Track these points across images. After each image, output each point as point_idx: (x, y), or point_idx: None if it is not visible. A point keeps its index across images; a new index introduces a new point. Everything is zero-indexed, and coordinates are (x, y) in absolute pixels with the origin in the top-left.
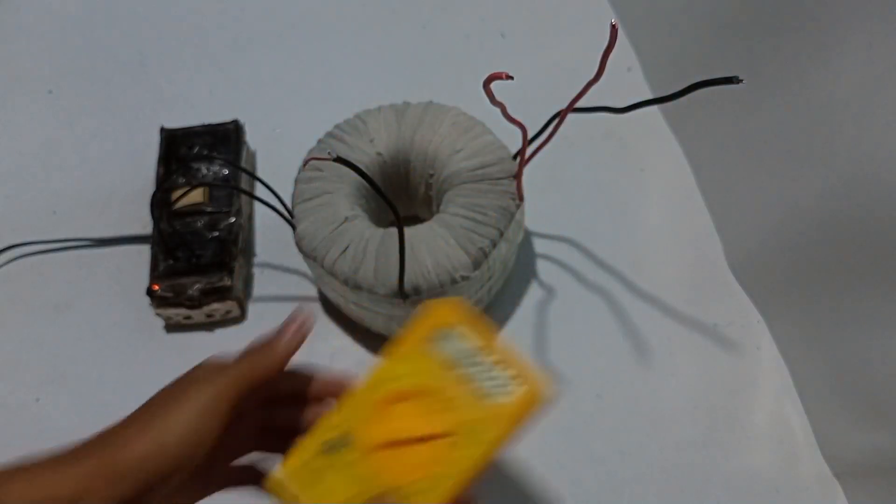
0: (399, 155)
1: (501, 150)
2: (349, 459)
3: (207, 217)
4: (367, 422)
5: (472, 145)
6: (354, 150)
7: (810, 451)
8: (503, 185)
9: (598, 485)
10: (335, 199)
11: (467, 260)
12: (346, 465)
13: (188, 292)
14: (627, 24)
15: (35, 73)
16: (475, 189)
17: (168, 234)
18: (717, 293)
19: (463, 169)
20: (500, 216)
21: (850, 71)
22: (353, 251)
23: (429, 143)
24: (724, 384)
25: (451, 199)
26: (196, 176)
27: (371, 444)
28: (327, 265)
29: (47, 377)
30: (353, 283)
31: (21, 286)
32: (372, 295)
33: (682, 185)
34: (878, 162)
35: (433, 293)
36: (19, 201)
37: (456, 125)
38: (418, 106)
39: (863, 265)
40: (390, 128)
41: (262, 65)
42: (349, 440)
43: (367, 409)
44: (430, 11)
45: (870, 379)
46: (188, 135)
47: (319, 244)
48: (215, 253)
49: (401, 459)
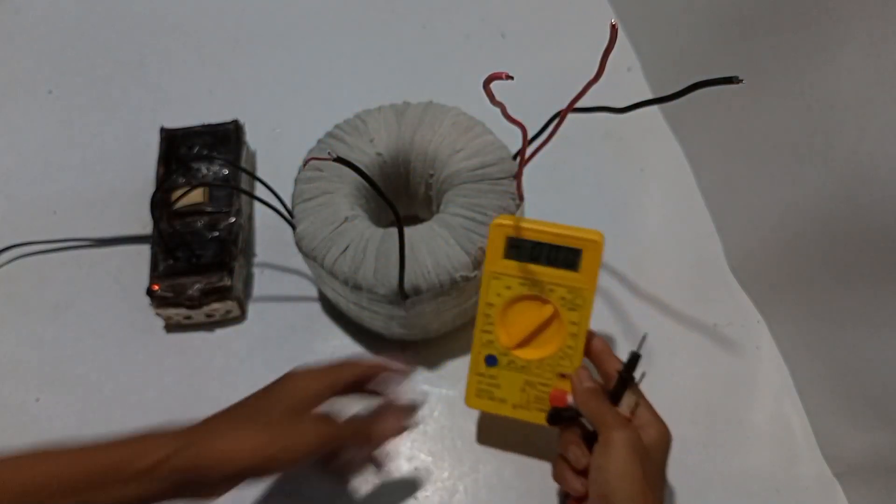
0: (399, 155)
1: (501, 149)
2: (504, 362)
3: (207, 217)
4: (500, 332)
5: (472, 145)
6: (354, 150)
7: (810, 451)
8: (503, 185)
9: None
10: (335, 199)
11: (467, 260)
12: (505, 367)
13: (188, 292)
14: (627, 25)
15: (35, 73)
16: (475, 189)
17: (168, 234)
18: (716, 293)
19: (463, 169)
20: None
21: (850, 71)
22: (353, 251)
23: (429, 143)
24: (724, 384)
25: (450, 199)
26: (196, 176)
27: (511, 344)
28: (327, 265)
29: (48, 377)
30: (353, 283)
31: (21, 286)
32: (372, 295)
33: (683, 185)
34: (877, 162)
35: (433, 293)
36: (20, 201)
37: (456, 125)
38: (418, 106)
39: (863, 265)
40: (390, 128)
41: (263, 65)
42: (497, 350)
43: (495, 325)
44: (431, 12)
45: (869, 379)
46: (188, 135)
47: (319, 244)
48: (215, 253)
49: (537, 344)
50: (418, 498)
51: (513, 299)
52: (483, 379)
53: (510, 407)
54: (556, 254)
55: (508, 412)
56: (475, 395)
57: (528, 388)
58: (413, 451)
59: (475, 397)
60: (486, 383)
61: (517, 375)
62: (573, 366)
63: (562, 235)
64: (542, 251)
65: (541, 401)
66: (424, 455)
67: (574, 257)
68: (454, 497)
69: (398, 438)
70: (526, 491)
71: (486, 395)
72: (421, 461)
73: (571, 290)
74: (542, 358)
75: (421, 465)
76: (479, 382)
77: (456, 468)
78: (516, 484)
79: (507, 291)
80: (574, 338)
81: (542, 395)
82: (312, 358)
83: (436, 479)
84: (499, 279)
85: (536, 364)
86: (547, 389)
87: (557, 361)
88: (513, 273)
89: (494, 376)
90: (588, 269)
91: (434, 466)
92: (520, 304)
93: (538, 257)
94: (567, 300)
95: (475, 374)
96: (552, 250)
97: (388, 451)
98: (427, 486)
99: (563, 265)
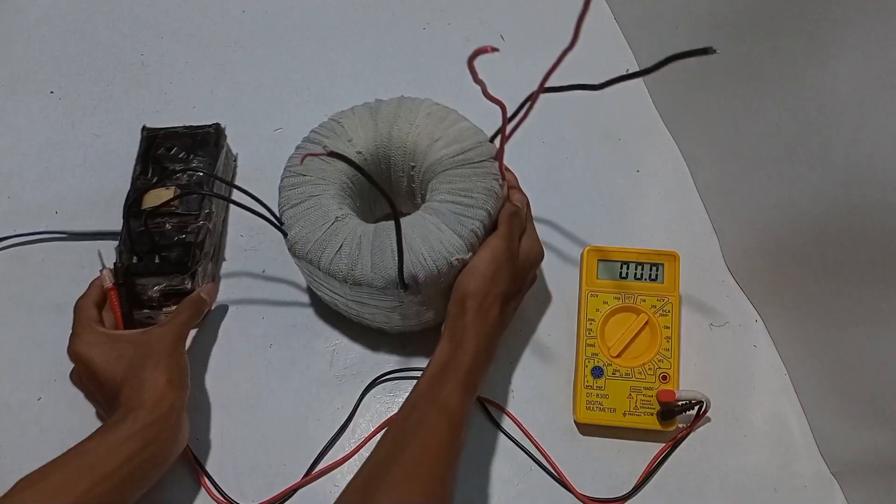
0: (379, 151)
1: (478, 134)
2: (609, 372)
3: (178, 219)
4: (601, 345)
5: (449, 133)
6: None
7: (808, 449)
8: (485, 167)
9: None
10: (322, 200)
11: (461, 243)
12: (610, 376)
13: (148, 293)
14: (626, 26)
15: (37, 73)
16: (458, 174)
17: (136, 235)
18: (714, 292)
19: (444, 157)
20: (486, 197)
21: (847, 72)
22: (349, 248)
23: (406, 136)
24: (722, 383)
25: (435, 188)
26: (171, 177)
27: (612, 354)
28: (324, 266)
29: (49, 376)
30: (351, 279)
31: (23, 286)
32: (371, 289)
33: (680, 185)
34: (874, 162)
35: (431, 280)
36: (22, 201)
37: (431, 115)
38: (391, 102)
39: (859, 265)
40: (366, 126)
41: (264, 65)
42: (602, 361)
43: (597, 338)
44: (431, 13)
45: (867, 378)
46: (168, 135)
47: (313, 246)
48: (179, 255)
49: (636, 352)
50: None
51: (609, 313)
52: (591, 391)
53: (621, 415)
54: (643, 270)
55: (619, 421)
56: (585, 409)
57: (634, 394)
58: None
59: (585, 410)
60: (594, 395)
61: (623, 383)
62: (671, 366)
63: (645, 253)
64: (630, 269)
65: (647, 405)
66: None
67: (658, 271)
68: (455, 495)
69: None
70: (526, 489)
71: (596, 406)
72: None
73: (660, 297)
74: (643, 364)
75: None
76: (587, 395)
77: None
78: (516, 481)
79: (604, 306)
80: (669, 340)
81: (647, 398)
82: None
83: None
84: (595, 296)
85: (639, 370)
86: (651, 392)
87: (657, 364)
88: (607, 290)
89: (602, 387)
90: (671, 279)
91: None
92: (616, 317)
93: (627, 275)
94: (658, 307)
95: (583, 388)
96: (638, 267)
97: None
98: None
99: (649, 278)
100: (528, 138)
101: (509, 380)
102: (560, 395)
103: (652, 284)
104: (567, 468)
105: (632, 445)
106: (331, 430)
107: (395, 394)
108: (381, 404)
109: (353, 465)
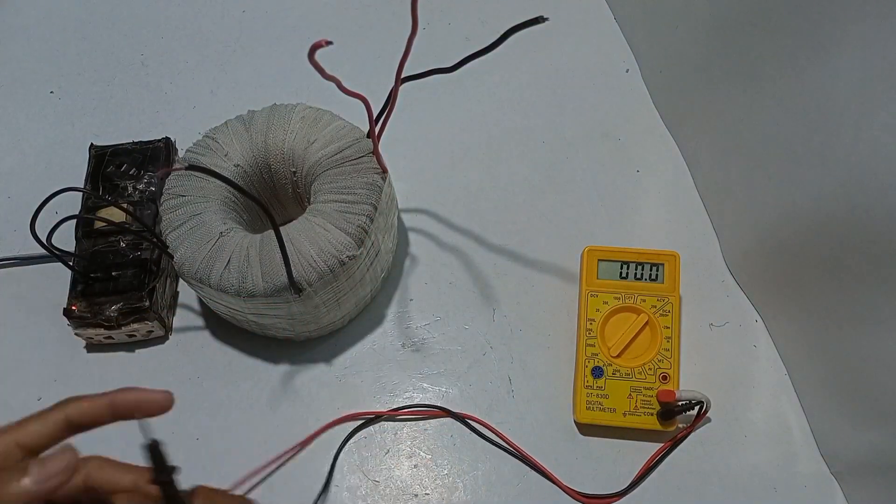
0: (258, 161)
1: (354, 131)
2: (609, 372)
3: (132, 236)
4: (601, 345)
5: (324, 134)
6: (212, 168)
7: (808, 449)
8: (364, 163)
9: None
10: (205, 218)
11: (349, 240)
12: (611, 376)
13: (106, 313)
14: (625, 26)
15: (36, 73)
16: (339, 173)
17: (89, 254)
18: (714, 292)
19: (321, 158)
20: (369, 191)
21: (848, 72)
22: (237, 262)
23: (282, 142)
24: (722, 383)
25: (318, 189)
26: (122, 195)
27: (612, 354)
28: (214, 283)
29: (49, 376)
30: (244, 292)
31: (23, 286)
32: (266, 299)
33: (680, 185)
34: (875, 162)
35: (324, 280)
36: (22, 200)
37: (304, 119)
38: (263, 111)
39: (860, 264)
40: (241, 138)
41: (264, 65)
42: (602, 361)
43: (597, 338)
44: (431, 14)
45: (867, 378)
46: (117, 153)
47: (200, 265)
48: (135, 273)
49: (636, 352)
50: (418, 495)
51: (609, 313)
52: (591, 391)
53: (621, 416)
54: (643, 270)
55: (620, 421)
56: (585, 409)
57: (634, 394)
58: (413, 449)
59: (585, 410)
60: (594, 395)
61: (623, 383)
62: (671, 366)
63: (645, 253)
64: (630, 269)
65: (647, 405)
66: (424, 452)
67: (658, 271)
68: (454, 494)
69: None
70: (525, 489)
71: (596, 406)
72: (420, 458)
73: (660, 297)
74: (643, 364)
75: (420, 463)
76: (587, 395)
77: (455, 466)
78: (515, 481)
79: (604, 307)
80: (669, 340)
81: (647, 398)
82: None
83: (435, 476)
84: (595, 296)
85: (639, 370)
86: (651, 393)
87: (657, 364)
88: (607, 290)
89: (602, 387)
90: (671, 279)
91: (433, 464)
92: (616, 317)
93: (627, 275)
94: (658, 307)
95: (583, 388)
96: (638, 267)
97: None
98: (426, 483)
99: (649, 279)
100: (529, 138)
101: (509, 380)
102: (560, 395)
103: (652, 284)
104: (567, 468)
105: (632, 445)
106: None
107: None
108: None
109: None
